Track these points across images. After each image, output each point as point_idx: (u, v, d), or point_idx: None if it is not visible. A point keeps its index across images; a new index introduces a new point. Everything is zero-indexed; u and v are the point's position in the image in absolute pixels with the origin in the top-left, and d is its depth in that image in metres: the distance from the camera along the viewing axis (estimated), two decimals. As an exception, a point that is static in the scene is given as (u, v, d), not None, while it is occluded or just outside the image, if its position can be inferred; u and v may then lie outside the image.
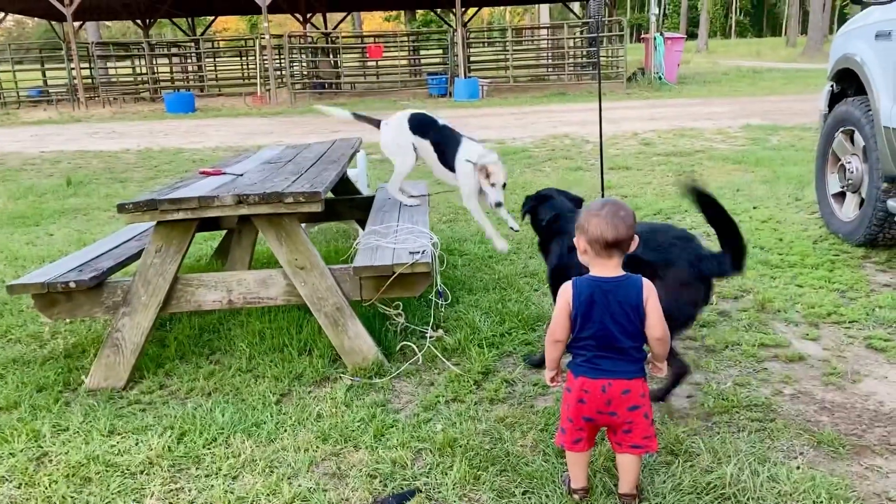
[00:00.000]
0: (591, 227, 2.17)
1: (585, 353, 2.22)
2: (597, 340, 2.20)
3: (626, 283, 2.20)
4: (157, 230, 3.29)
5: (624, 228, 2.16)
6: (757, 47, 44.81)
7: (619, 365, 2.20)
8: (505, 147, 10.36)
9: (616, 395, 2.18)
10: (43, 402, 3.17)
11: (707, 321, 3.79)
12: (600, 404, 2.19)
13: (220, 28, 57.22)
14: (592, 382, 2.19)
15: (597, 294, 2.18)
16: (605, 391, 2.18)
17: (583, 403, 2.21)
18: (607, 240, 2.16)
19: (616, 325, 2.18)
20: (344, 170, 4.21)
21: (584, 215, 2.22)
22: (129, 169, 10.02)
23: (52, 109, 20.77)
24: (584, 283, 2.21)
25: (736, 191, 6.77)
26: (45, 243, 5.99)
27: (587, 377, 2.20)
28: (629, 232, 2.17)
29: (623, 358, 2.20)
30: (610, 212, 2.17)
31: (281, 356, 3.53)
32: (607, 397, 2.18)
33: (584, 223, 2.20)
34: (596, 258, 2.21)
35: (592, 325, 2.19)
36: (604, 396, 2.18)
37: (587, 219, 2.19)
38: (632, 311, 2.18)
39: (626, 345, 2.19)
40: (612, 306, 2.17)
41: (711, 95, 17.23)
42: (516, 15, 63.56)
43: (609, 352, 2.20)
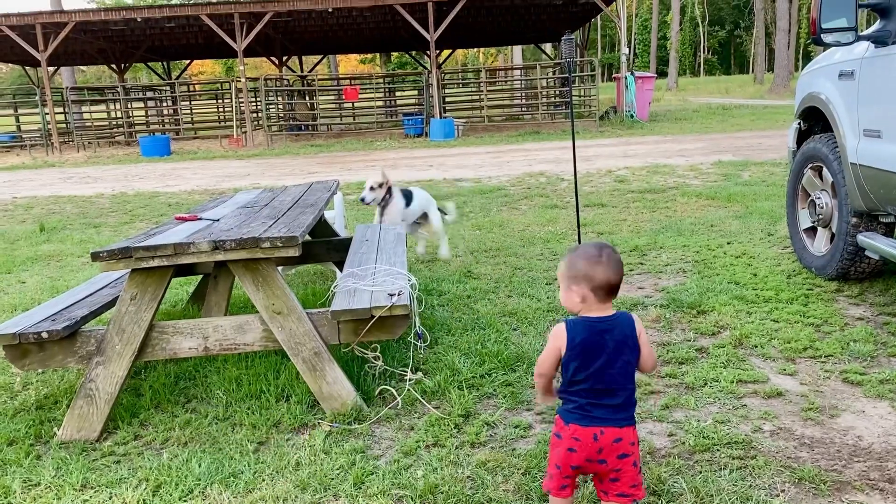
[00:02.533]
0: (599, 275, 2.13)
1: (578, 400, 2.16)
2: (592, 384, 2.15)
3: (620, 321, 2.18)
4: (132, 277, 3.25)
5: (621, 271, 2.17)
6: (725, 85, 45.85)
7: (611, 412, 2.15)
8: (481, 185, 10.43)
9: (607, 444, 2.14)
10: (13, 457, 3.09)
11: (685, 358, 3.81)
12: (591, 453, 2.14)
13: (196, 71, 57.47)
14: (584, 430, 2.14)
15: (593, 337, 2.14)
16: (597, 439, 2.13)
17: (573, 452, 2.15)
18: (613, 284, 2.15)
19: (612, 366, 2.14)
20: (321, 212, 4.21)
21: (584, 265, 2.15)
22: (103, 213, 9.94)
23: (26, 154, 20.62)
24: (578, 327, 2.16)
25: (710, 226, 6.86)
26: (17, 291, 5.89)
27: (578, 424, 2.15)
28: (622, 275, 2.18)
29: (616, 405, 2.15)
30: (608, 256, 2.15)
31: (258, 403, 3.48)
32: (599, 445, 2.13)
33: (590, 272, 2.13)
34: (597, 304, 2.16)
35: (589, 369, 2.14)
36: (595, 445, 2.14)
37: (591, 266, 2.14)
38: (628, 348, 2.16)
39: (622, 385, 2.16)
40: (608, 346, 2.14)
41: (683, 132, 17.54)
42: (490, 56, 64.58)
43: (603, 398, 2.15)
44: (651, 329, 4.27)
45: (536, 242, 6.63)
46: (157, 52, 28.24)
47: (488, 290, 5.14)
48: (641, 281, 5.26)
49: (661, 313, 4.48)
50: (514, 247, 6.48)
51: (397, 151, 17.07)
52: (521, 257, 6.09)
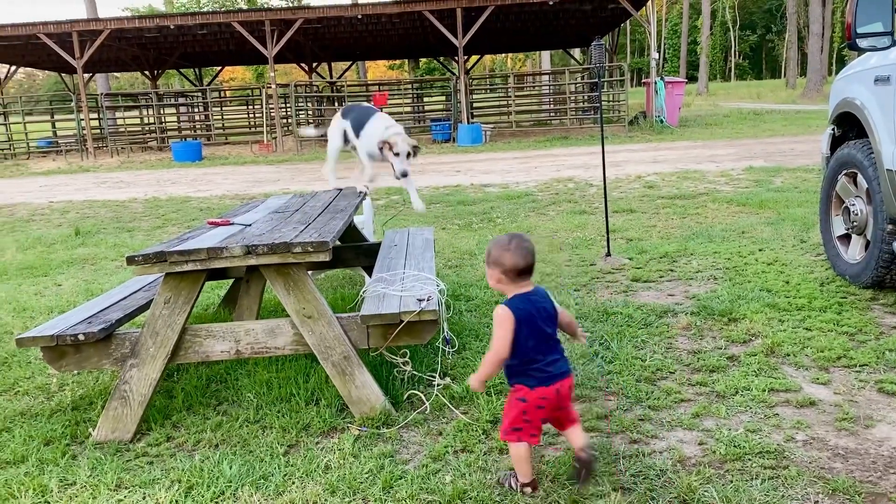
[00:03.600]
0: (507, 261, 2.57)
1: (537, 366, 2.58)
2: (538, 343, 2.58)
3: (542, 292, 2.68)
4: (166, 281, 3.31)
5: (531, 256, 2.61)
6: (757, 89, 45.33)
7: (560, 366, 2.63)
8: (509, 191, 10.43)
9: (565, 393, 2.64)
10: (50, 456, 3.16)
11: (716, 366, 3.77)
12: (556, 403, 2.63)
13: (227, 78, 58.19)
14: (548, 390, 2.59)
15: (530, 307, 2.59)
16: (559, 393, 2.61)
17: (542, 409, 2.61)
18: (521, 269, 2.58)
19: (546, 324, 2.61)
20: (351, 218, 4.25)
21: (496, 252, 2.60)
22: (136, 218, 10.10)
23: (62, 159, 21.03)
24: (517, 302, 2.59)
25: (741, 233, 6.79)
26: (54, 294, 6.02)
27: (543, 387, 2.59)
28: (534, 258, 2.62)
29: (560, 358, 2.64)
30: (517, 244, 2.59)
31: (288, 406, 3.51)
32: (560, 397, 2.62)
33: (499, 257, 2.58)
34: (511, 284, 2.61)
35: (535, 333, 2.58)
36: (558, 397, 2.61)
37: (501, 254, 2.58)
38: (551, 311, 2.65)
39: (555, 339, 2.65)
40: (541, 312, 2.61)
41: (713, 138, 17.38)
42: (518, 61, 64.55)
43: (550, 353, 2.61)
44: (681, 337, 4.24)
45: (565, 248, 6.61)
46: (190, 58, 28.66)
47: (516, 296, 5.13)
48: (672, 288, 5.22)
49: (691, 321, 4.44)
50: (542, 253, 6.46)
51: (425, 157, 17.11)
52: (550, 263, 6.07)
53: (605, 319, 4.55)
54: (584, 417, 3.26)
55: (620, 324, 4.45)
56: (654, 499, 2.62)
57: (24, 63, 26.92)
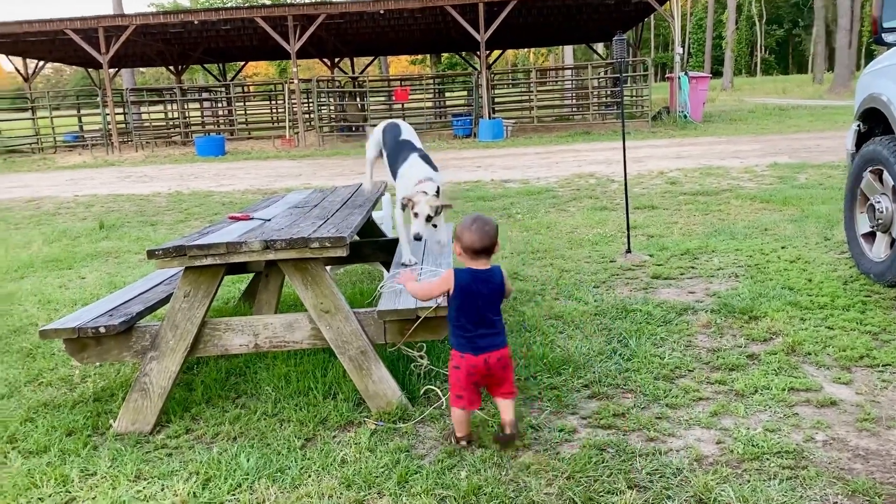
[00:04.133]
0: (465, 239, 2.87)
1: (467, 334, 2.91)
2: (470, 318, 2.90)
3: (492, 272, 2.95)
4: (186, 275, 3.34)
5: (488, 239, 2.88)
6: (783, 84, 44.75)
7: (491, 340, 2.93)
8: (529, 187, 10.40)
9: (494, 364, 2.93)
10: (72, 447, 3.20)
11: (736, 364, 3.74)
12: (483, 371, 2.93)
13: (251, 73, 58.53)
14: (476, 359, 2.91)
15: (473, 283, 2.89)
16: (487, 363, 2.91)
17: (472, 375, 2.93)
18: (476, 249, 2.87)
19: (487, 304, 2.91)
20: (369, 213, 4.26)
21: (459, 228, 2.91)
22: (159, 212, 10.21)
23: (87, 154, 21.30)
24: (463, 275, 2.91)
25: (764, 230, 6.71)
26: (78, 286, 6.10)
27: (471, 354, 2.91)
28: (493, 241, 2.89)
29: (493, 331, 2.94)
30: (478, 227, 2.87)
31: (306, 400, 3.54)
32: (487, 366, 2.92)
33: (460, 235, 2.89)
34: (468, 259, 2.92)
35: (471, 306, 2.89)
36: (485, 367, 2.92)
37: (461, 232, 2.89)
38: (497, 292, 2.95)
39: (495, 319, 2.95)
40: (483, 291, 2.90)
41: (738, 133, 17.20)
42: (541, 56, 64.25)
43: (482, 328, 2.91)
44: (701, 335, 4.21)
45: (585, 245, 6.59)
46: (213, 53, 28.87)
47: (534, 293, 5.12)
48: (692, 285, 5.18)
49: (711, 318, 4.40)
50: (562, 249, 6.44)
51: (446, 152, 17.12)
52: (569, 259, 6.05)
53: (624, 317, 4.52)
54: (600, 415, 3.26)
55: (639, 321, 4.42)
56: (670, 498, 2.61)
57: (51, 58, 27.29)
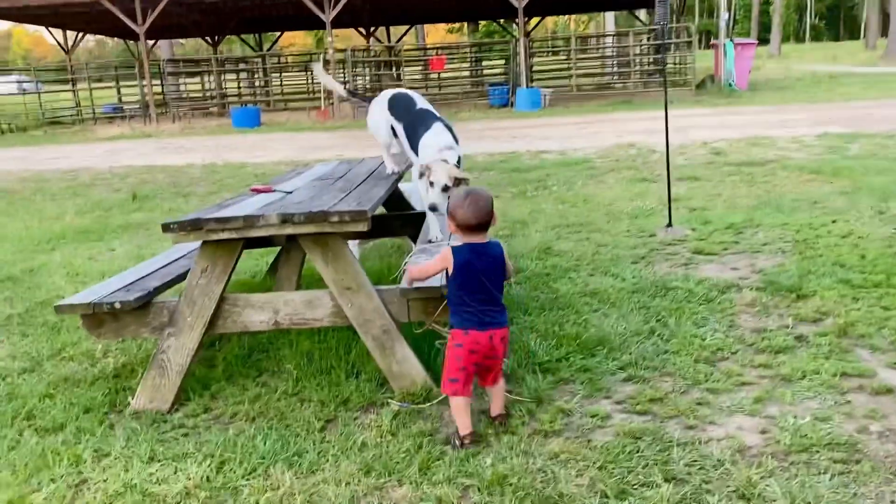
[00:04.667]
0: (458, 215, 2.76)
1: (471, 310, 2.77)
2: (474, 294, 2.77)
3: (492, 245, 2.85)
4: (203, 250, 3.22)
5: (483, 214, 2.77)
6: (833, 51, 43.21)
7: (497, 316, 2.80)
8: (566, 158, 10.12)
9: (498, 342, 2.80)
10: (87, 425, 3.13)
11: (783, 346, 3.51)
12: (487, 350, 2.78)
13: (287, 44, 58.44)
14: (482, 334, 2.76)
15: (472, 256, 2.78)
16: (492, 340, 2.77)
17: (474, 353, 2.77)
18: (471, 224, 2.77)
19: (487, 278, 2.79)
20: (394, 186, 4.09)
21: (452, 204, 2.82)
22: (192, 183, 10.18)
23: (125, 125, 21.45)
24: (461, 249, 2.80)
25: (813, 203, 6.39)
26: (107, 259, 6.07)
27: (477, 330, 2.76)
28: (488, 215, 2.79)
29: (497, 308, 2.82)
30: (471, 202, 2.76)
31: (328, 379, 3.41)
32: (492, 344, 2.78)
33: (453, 211, 2.78)
34: (465, 235, 2.81)
35: (473, 281, 2.77)
36: (490, 344, 2.78)
37: (454, 208, 2.78)
38: (499, 266, 2.84)
39: (496, 294, 2.81)
40: (484, 264, 2.79)
41: (785, 102, 16.58)
42: (581, 23, 62.99)
43: (487, 305, 2.78)
44: (745, 314, 3.97)
45: (623, 218, 6.34)
46: (249, 24, 28.76)
47: (569, 268, 4.92)
48: (736, 261, 4.93)
49: (756, 297, 4.16)
50: (599, 222, 6.21)
51: (481, 122, 16.84)
52: (606, 234, 5.82)
53: (664, 294, 4.30)
54: (636, 400, 3.07)
55: (680, 299, 4.20)
56: (710, 492, 2.42)
57: (90, 30, 27.47)
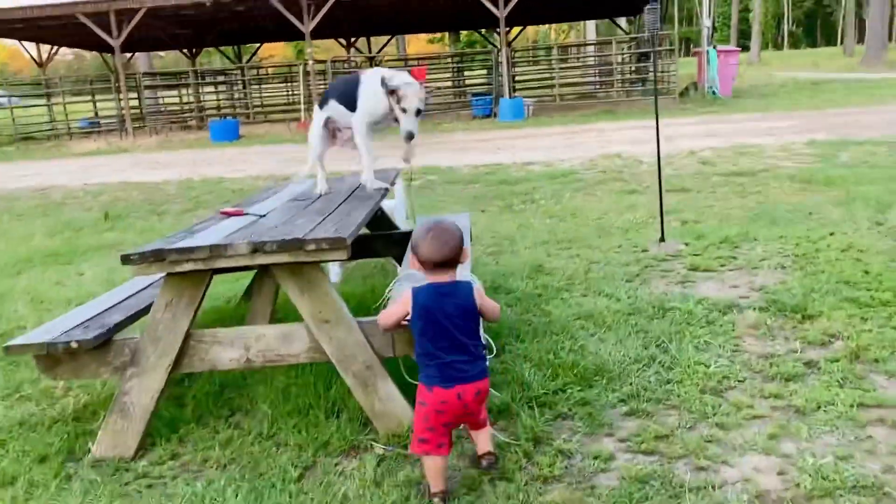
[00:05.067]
0: (421, 252, 2.43)
1: (434, 363, 2.40)
2: (437, 342, 2.39)
3: (458, 288, 2.45)
4: (167, 283, 2.95)
5: (448, 250, 2.41)
6: (812, 58, 43.55)
7: (466, 369, 2.40)
8: (552, 169, 9.91)
9: (471, 399, 2.42)
10: (41, 477, 2.84)
11: (792, 374, 3.28)
12: (458, 409, 2.41)
13: (267, 55, 58.07)
14: (447, 392, 2.38)
15: (435, 300, 2.41)
16: (461, 398, 2.39)
17: (442, 413, 2.40)
18: (435, 261, 2.41)
19: (453, 324, 2.40)
20: (377, 206, 3.84)
21: (414, 238, 2.47)
22: (168, 200, 9.86)
23: (101, 140, 21.04)
24: (422, 293, 2.44)
25: (808, 214, 6.20)
26: (75, 283, 5.76)
27: (441, 388, 2.38)
28: (454, 252, 2.41)
29: (466, 359, 2.41)
30: (434, 236, 2.41)
31: (306, 420, 3.14)
32: (463, 402, 2.40)
33: (415, 247, 2.45)
34: (429, 273, 2.45)
35: (436, 328, 2.40)
36: (460, 402, 2.40)
37: (417, 243, 2.45)
38: (468, 311, 2.45)
39: (465, 341, 2.41)
40: (448, 308, 2.41)
41: (770, 109, 16.50)
42: (562, 33, 63.17)
43: (454, 354, 2.39)
44: (749, 337, 3.75)
45: (613, 232, 6.12)
46: (228, 36, 28.42)
47: (561, 288, 4.69)
48: (735, 278, 4.71)
49: (760, 318, 3.94)
50: (590, 238, 5.98)
51: (465, 133, 16.64)
52: (597, 249, 5.59)
53: (662, 316, 4.07)
54: (640, 438, 2.83)
55: (679, 321, 3.97)
56: (731, 549, 2.18)
57: (65, 43, 27.01)
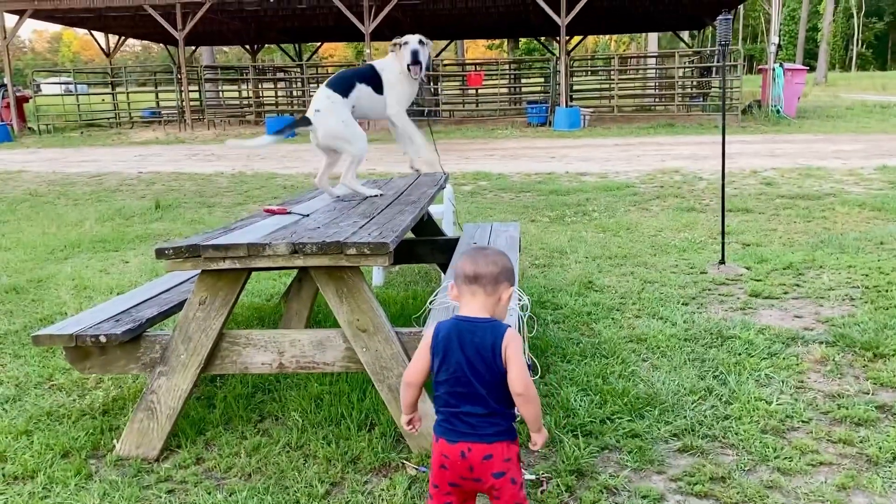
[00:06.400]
0: (457, 268, 2.10)
1: (444, 411, 2.03)
2: (451, 386, 2.00)
3: (484, 327, 2.01)
4: (202, 280, 2.83)
5: (483, 262, 2.05)
6: (882, 81, 42.01)
7: (477, 427, 1.99)
8: (607, 181, 9.64)
9: (477, 462, 1.98)
10: (62, 474, 2.75)
11: (864, 418, 3.01)
12: (462, 471, 2.00)
13: (327, 54, 58.71)
14: (451, 448, 2.00)
15: (453, 332, 2.02)
16: (465, 456, 1.98)
17: (444, 469, 2.02)
18: (467, 274, 2.05)
19: (471, 369, 1.98)
20: (423, 212, 3.68)
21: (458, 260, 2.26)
22: (219, 193, 9.88)
23: (161, 130, 21.41)
24: (444, 323, 2.07)
25: (879, 244, 5.84)
26: (119, 272, 5.74)
27: (445, 440, 2.01)
28: (490, 269, 2.03)
29: (481, 415, 1.99)
30: (474, 251, 2.12)
31: (337, 431, 3.00)
32: (468, 463, 1.99)
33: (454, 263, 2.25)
34: (462, 298, 2.07)
35: (448, 367, 2.01)
36: (464, 463, 1.99)
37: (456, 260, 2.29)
38: (488, 356, 1.98)
39: (482, 393, 1.98)
40: (467, 349, 1.99)
41: (836, 131, 15.89)
42: (622, 44, 62.45)
43: (465, 404, 1.99)
44: (814, 373, 3.48)
45: (670, 251, 5.85)
46: (289, 33, 28.73)
47: (612, 307, 4.46)
48: (799, 307, 4.42)
49: (826, 353, 3.67)
50: (644, 255, 5.73)
51: (518, 140, 16.41)
52: (652, 268, 5.34)
53: (720, 344, 3.82)
54: (693, 478, 2.60)
55: (738, 351, 3.72)
56: None
57: (132, 35, 27.64)
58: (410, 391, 2.12)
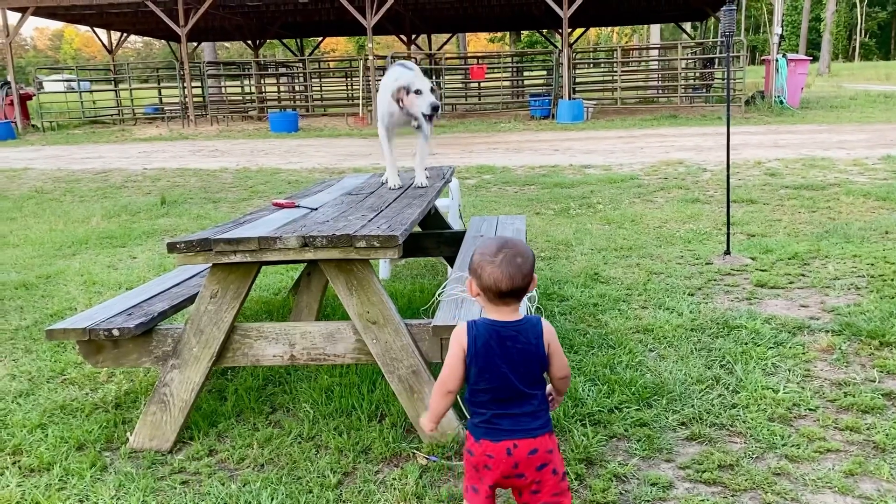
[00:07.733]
0: (485, 275, 1.95)
1: (484, 412, 1.99)
2: (495, 393, 1.97)
3: (525, 328, 1.98)
4: (213, 273, 2.86)
5: (520, 277, 1.94)
6: (885, 70, 41.88)
7: (521, 422, 1.97)
8: (611, 173, 9.65)
9: (523, 458, 1.96)
10: (77, 466, 2.78)
11: (870, 406, 3.03)
12: (507, 468, 1.97)
13: (329, 49, 58.67)
14: (496, 446, 1.96)
15: (493, 340, 1.96)
16: (511, 454, 1.96)
17: (488, 469, 1.98)
18: (501, 290, 1.94)
19: (516, 374, 1.96)
20: (431, 205, 3.70)
21: (478, 259, 1.98)
22: (224, 188, 9.92)
23: (164, 126, 21.45)
24: (481, 328, 1.98)
25: (884, 233, 5.85)
26: (127, 267, 5.77)
27: (489, 440, 1.97)
28: (526, 280, 1.95)
29: (525, 413, 1.98)
30: (506, 260, 1.94)
31: (348, 422, 3.03)
32: (514, 460, 1.96)
33: (478, 268, 1.97)
34: (489, 304, 1.99)
35: (491, 376, 1.96)
36: (510, 460, 1.96)
37: (480, 265, 1.97)
38: (534, 358, 1.98)
39: (528, 391, 1.97)
40: (511, 354, 1.96)
41: (840, 122, 15.87)
42: (624, 36, 62.29)
43: (510, 407, 1.97)
44: (821, 362, 3.50)
45: (676, 242, 5.87)
46: (291, 28, 28.72)
47: (619, 298, 4.48)
48: (805, 297, 4.44)
49: (833, 342, 3.68)
50: (649, 246, 5.75)
51: (521, 133, 16.41)
52: (658, 259, 5.36)
53: (727, 334, 3.84)
54: (702, 465, 2.63)
55: (745, 341, 3.74)
56: None
57: (134, 31, 27.66)
58: (450, 399, 2.08)
